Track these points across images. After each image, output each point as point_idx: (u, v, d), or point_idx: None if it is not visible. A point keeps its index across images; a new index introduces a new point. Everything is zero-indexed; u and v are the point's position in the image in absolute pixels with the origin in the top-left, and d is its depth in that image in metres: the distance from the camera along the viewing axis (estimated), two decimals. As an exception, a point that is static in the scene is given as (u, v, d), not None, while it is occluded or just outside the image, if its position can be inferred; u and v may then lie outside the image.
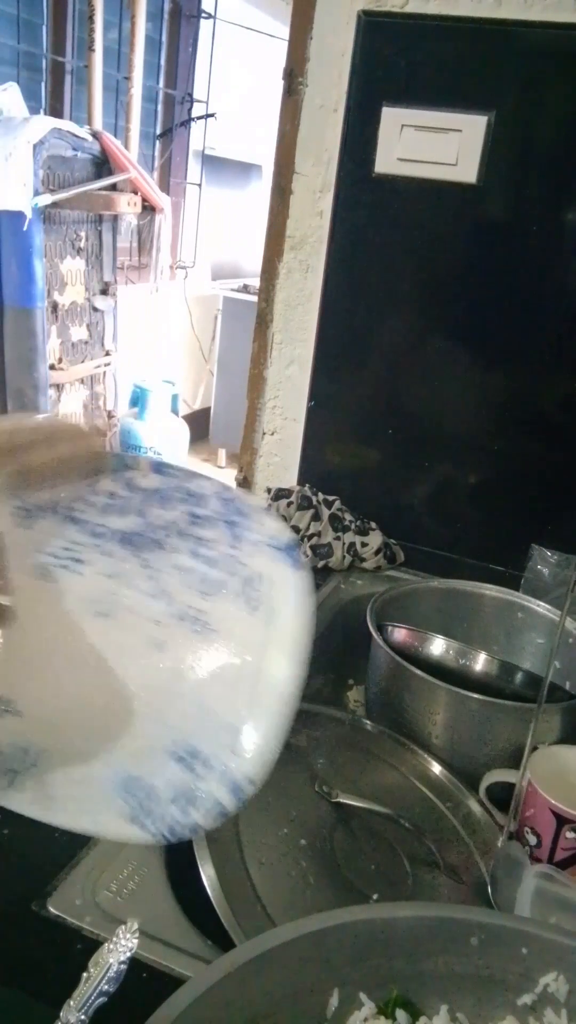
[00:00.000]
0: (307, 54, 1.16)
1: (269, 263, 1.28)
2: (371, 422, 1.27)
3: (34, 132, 2.43)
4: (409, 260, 1.18)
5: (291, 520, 1.24)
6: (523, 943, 0.50)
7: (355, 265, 1.21)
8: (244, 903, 0.59)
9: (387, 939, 0.49)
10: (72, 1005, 0.47)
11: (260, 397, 1.36)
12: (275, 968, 0.46)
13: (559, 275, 1.10)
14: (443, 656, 0.91)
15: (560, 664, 0.95)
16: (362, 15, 1.10)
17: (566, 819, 0.68)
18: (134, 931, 0.51)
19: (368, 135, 1.13)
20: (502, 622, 1.06)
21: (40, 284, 2.60)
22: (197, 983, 0.43)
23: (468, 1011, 0.50)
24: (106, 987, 0.48)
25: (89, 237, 2.98)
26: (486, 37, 1.05)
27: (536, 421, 1.17)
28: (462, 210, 1.13)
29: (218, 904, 0.58)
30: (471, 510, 1.24)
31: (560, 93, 1.05)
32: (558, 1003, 0.49)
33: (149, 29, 3.56)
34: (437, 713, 0.84)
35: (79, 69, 3.32)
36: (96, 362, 3.13)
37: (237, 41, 4.23)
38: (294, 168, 1.21)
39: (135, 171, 2.97)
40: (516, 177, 1.10)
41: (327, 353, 1.26)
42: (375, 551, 1.21)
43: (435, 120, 1.09)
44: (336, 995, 0.48)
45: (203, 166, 4.38)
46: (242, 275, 4.78)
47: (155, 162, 4.10)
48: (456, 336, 1.19)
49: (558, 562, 1.11)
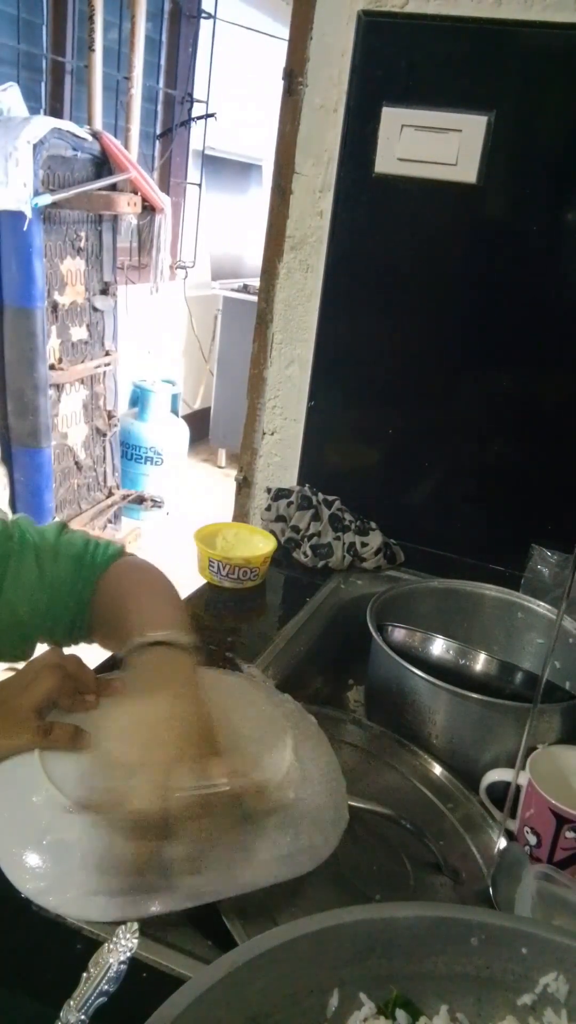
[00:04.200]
0: (307, 54, 1.16)
1: (269, 263, 1.28)
2: (371, 422, 1.27)
3: (34, 132, 2.43)
4: (409, 260, 1.18)
5: (291, 520, 1.24)
6: (523, 943, 0.50)
7: (355, 265, 1.21)
8: (244, 903, 0.59)
9: (387, 939, 0.49)
10: (72, 1005, 0.47)
11: (260, 397, 1.36)
12: (275, 968, 0.46)
13: (559, 275, 1.10)
14: (443, 656, 0.91)
15: (559, 664, 0.95)
16: (362, 15, 1.10)
17: (566, 819, 0.68)
18: (134, 931, 0.51)
19: (368, 135, 1.13)
20: (502, 622, 1.06)
21: (40, 284, 2.60)
22: (197, 983, 0.43)
23: (468, 1011, 0.50)
24: (106, 987, 0.48)
25: (89, 237, 2.98)
26: (486, 37, 1.05)
27: (536, 421, 1.17)
28: (462, 210, 1.13)
29: (218, 904, 0.58)
30: (471, 510, 1.24)
31: (560, 93, 1.05)
32: (558, 1003, 0.49)
33: (149, 29, 3.56)
34: (437, 713, 0.84)
35: (79, 69, 3.32)
36: (96, 362, 3.13)
37: (237, 41, 4.24)
38: (294, 168, 1.21)
39: (135, 171, 2.97)
40: (516, 177, 1.10)
41: (327, 353, 1.26)
42: (375, 551, 1.21)
43: (435, 120, 1.09)
44: (336, 995, 0.48)
45: (203, 166, 4.38)
46: (242, 275, 4.78)
47: (155, 162, 4.10)
48: (456, 336, 1.19)
49: (558, 562, 1.10)
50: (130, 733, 0.63)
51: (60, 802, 0.59)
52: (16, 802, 0.60)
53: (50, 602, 0.79)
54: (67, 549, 0.81)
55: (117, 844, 0.56)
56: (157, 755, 0.59)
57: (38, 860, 0.57)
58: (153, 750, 0.60)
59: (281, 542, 1.22)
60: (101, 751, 0.64)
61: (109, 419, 3.31)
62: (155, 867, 0.56)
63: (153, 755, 0.59)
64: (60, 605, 0.80)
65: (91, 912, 0.56)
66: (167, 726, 0.61)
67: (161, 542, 3.50)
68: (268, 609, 1.13)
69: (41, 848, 0.57)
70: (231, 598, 1.12)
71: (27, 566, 0.78)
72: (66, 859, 0.57)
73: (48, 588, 0.79)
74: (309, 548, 1.21)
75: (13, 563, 0.78)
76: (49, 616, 0.80)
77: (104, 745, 0.65)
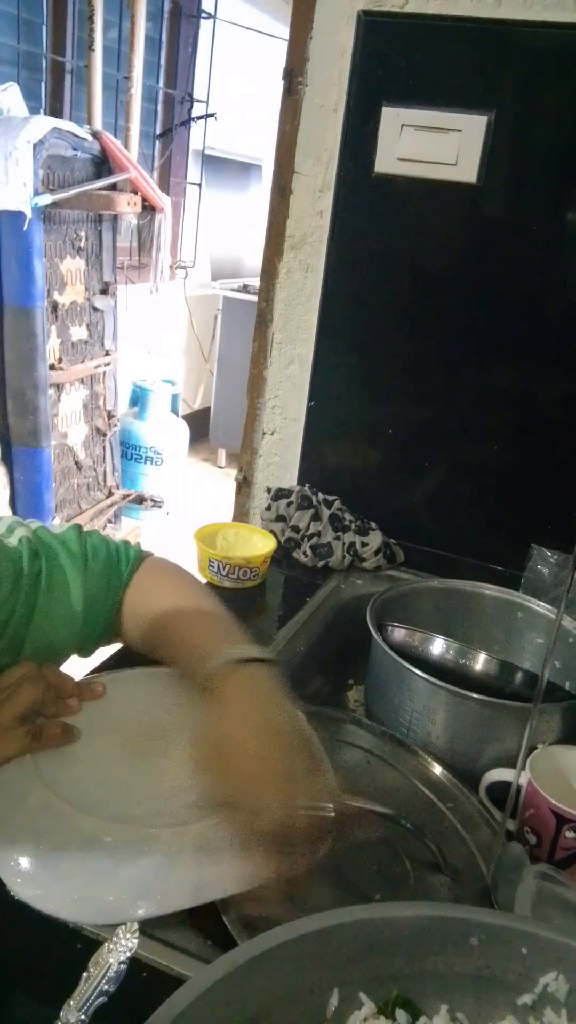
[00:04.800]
0: (307, 54, 1.16)
1: (269, 263, 1.28)
2: (371, 422, 1.27)
3: (34, 132, 2.43)
4: (409, 260, 1.18)
5: (291, 520, 1.24)
6: (523, 943, 0.50)
7: (355, 265, 1.21)
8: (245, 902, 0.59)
9: (387, 939, 0.49)
10: (72, 1005, 0.47)
11: (260, 397, 1.35)
12: (275, 968, 0.46)
13: (559, 275, 1.10)
14: (443, 656, 0.91)
15: (559, 664, 0.95)
16: (362, 15, 1.10)
17: (566, 819, 0.68)
18: (134, 931, 0.51)
19: (368, 135, 1.13)
20: (502, 622, 1.06)
21: (40, 284, 2.60)
22: (197, 983, 0.43)
23: (468, 1011, 0.50)
24: (106, 987, 0.48)
25: (89, 237, 2.98)
26: (486, 37, 1.05)
27: (536, 421, 1.17)
28: (462, 210, 1.13)
29: (218, 904, 0.58)
30: (471, 510, 1.24)
31: (560, 93, 1.05)
32: (558, 1003, 0.49)
33: (149, 29, 3.56)
34: (437, 713, 0.84)
35: (79, 69, 3.32)
36: (96, 362, 3.13)
37: (237, 41, 4.23)
38: (294, 168, 1.21)
39: (135, 171, 2.97)
40: (516, 177, 1.09)
41: (327, 353, 1.26)
42: (375, 551, 1.21)
43: (435, 120, 1.09)
44: (336, 995, 0.48)
45: (203, 166, 4.38)
46: (242, 275, 4.78)
47: (155, 162, 4.09)
48: (456, 336, 1.19)
49: (558, 562, 1.10)
50: (241, 744, 0.62)
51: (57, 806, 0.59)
52: (11, 807, 0.60)
53: (85, 616, 0.76)
54: (95, 558, 0.78)
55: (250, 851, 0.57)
56: (279, 766, 0.59)
57: (35, 865, 0.57)
58: (271, 762, 0.60)
59: (281, 542, 1.22)
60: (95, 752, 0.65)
61: (109, 419, 3.30)
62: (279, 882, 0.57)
63: (274, 765, 0.59)
64: (94, 616, 0.77)
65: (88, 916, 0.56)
66: (283, 739, 0.62)
67: (161, 542, 3.50)
68: (268, 609, 1.13)
69: (38, 853, 0.57)
70: (231, 598, 1.12)
71: (58, 582, 0.75)
72: (64, 863, 0.57)
73: (83, 601, 0.76)
74: (309, 548, 1.21)
75: (44, 580, 0.74)
76: (83, 632, 0.77)
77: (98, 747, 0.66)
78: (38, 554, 0.75)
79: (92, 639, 0.79)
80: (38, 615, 0.73)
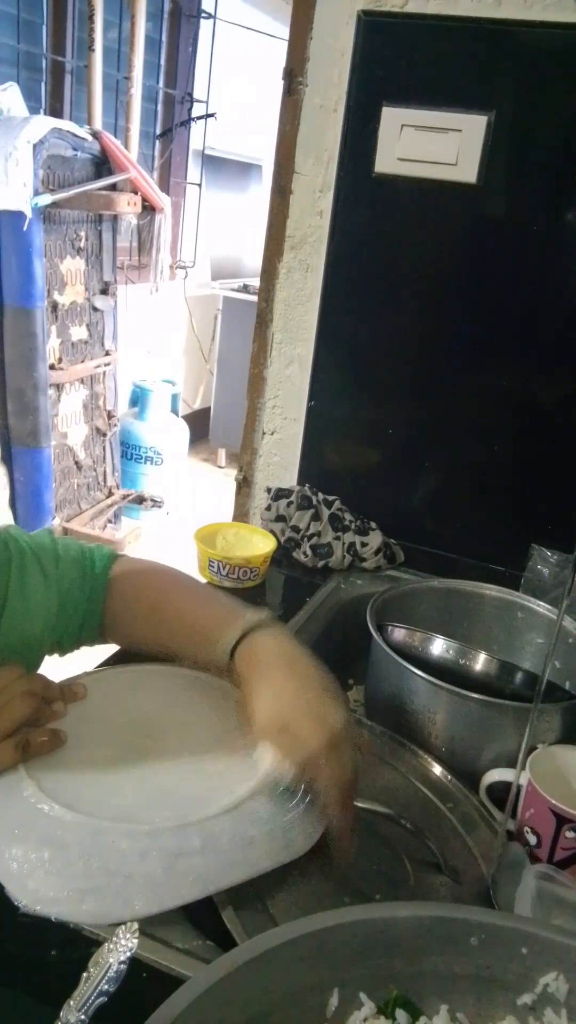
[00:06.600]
0: (307, 54, 1.16)
1: (269, 263, 1.28)
2: (371, 422, 1.27)
3: (34, 132, 2.43)
4: (409, 260, 1.18)
5: (291, 520, 1.24)
6: (523, 943, 0.50)
7: (355, 265, 1.21)
8: (245, 902, 0.59)
9: (387, 939, 0.49)
10: (72, 1005, 0.47)
11: (260, 397, 1.35)
12: (275, 968, 0.46)
13: (559, 275, 1.10)
14: (443, 656, 0.91)
15: (559, 664, 0.95)
16: (362, 15, 1.10)
17: (566, 819, 0.68)
18: (134, 931, 0.51)
19: (368, 135, 1.13)
20: (502, 622, 1.06)
21: (40, 284, 2.60)
22: (197, 983, 0.43)
23: (468, 1011, 0.50)
24: (106, 987, 0.48)
25: (89, 237, 2.98)
26: (486, 37, 1.05)
27: (536, 421, 1.17)
28: (462, 210, 1.13)
29: (219, 903, 0.58)
30: (471, 510, 1.24)
31: (560, 93, 1.05)
32: (558, 1003, 0.49)
33: (149, 29, 3.56)
34: (437, 713, 0.84)
35: (79, 69, 3.32)
36: (96, 362, 3.13)
37: (237, 41, 4.23)
38: (294, 168, 1.21)
39: (135, 171, 2.97)
40: (516, 177, 1.09)
41: (327, 353, 1.26)
42: (375, 551, 1.21)
43: (435, 120, 1.09)
44: (336, 995, 0.48)
45: (203, 166, 4.38)
46: (242, 275, 4.78)
47: (155, 162, 4.10)
48: (456, 336, 1.19)
49: (558, 562, 1.10)
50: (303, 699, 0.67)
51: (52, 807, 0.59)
52: (6, 810, 0.60)
53: (60, 609, 0.77)
54: (66, 552, 0.80)
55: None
56: (342, 714, 0.66)
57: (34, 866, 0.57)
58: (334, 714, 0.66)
59: (281, 542, 1.22)
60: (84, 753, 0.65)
61: (109, 419, 3.31)
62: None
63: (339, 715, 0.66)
64: (70, 609, 0.78)
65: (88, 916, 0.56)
66: (329, 688, 0.69)
67: (161, 542, 3.50)
68: (268, 609, 1.12)
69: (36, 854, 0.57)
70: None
71: (31, 571, 0.76)
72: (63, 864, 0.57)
73: (56, 592, 0.77)
74: (309, 548, 1.21)
75: (15, 570, 0.75)
76: (59, 627, 0.78)
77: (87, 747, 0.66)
78: (7, 545, 0.76)
79: (70, 634, 0.80)
80: (10, 602, 0.74)
